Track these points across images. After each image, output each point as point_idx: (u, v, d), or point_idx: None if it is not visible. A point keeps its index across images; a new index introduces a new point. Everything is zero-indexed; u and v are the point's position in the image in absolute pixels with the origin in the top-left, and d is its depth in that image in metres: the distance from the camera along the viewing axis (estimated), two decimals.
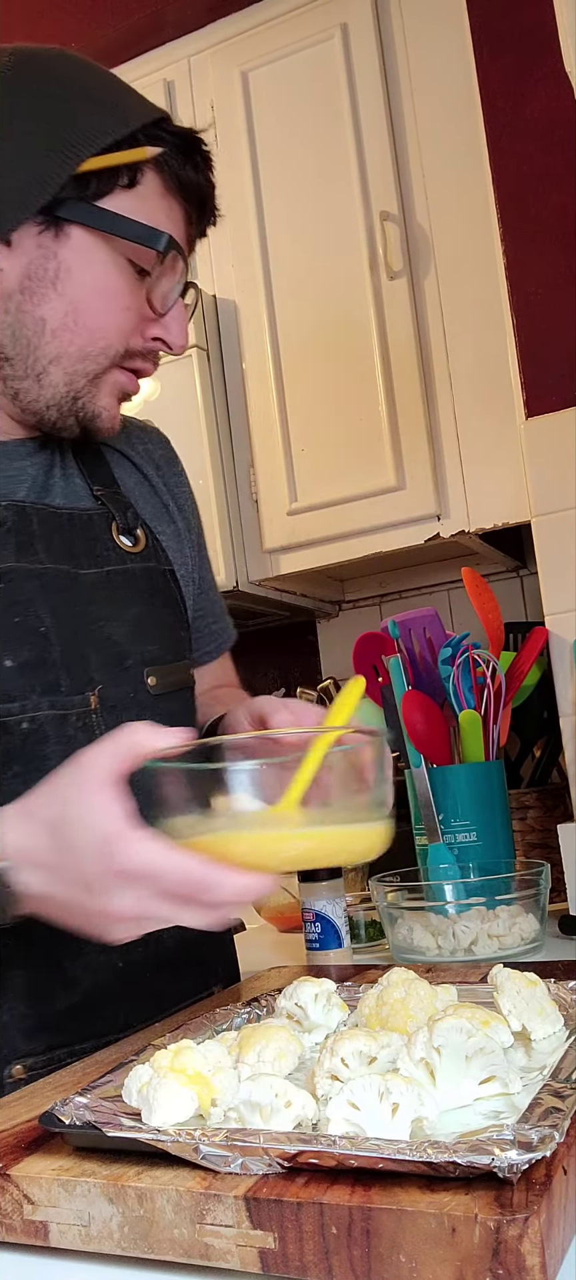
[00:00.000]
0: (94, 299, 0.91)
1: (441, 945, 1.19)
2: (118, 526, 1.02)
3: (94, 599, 0.96)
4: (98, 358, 0.92)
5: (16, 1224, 0.59)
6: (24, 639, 0.90)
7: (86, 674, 0.94)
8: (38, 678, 0.90)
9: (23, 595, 0.91)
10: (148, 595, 1.01)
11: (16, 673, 0.89)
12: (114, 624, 0.97)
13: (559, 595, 1.61)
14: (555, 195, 1.62)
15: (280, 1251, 0.52)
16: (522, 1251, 0.46)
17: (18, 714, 0.89)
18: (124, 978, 0.93)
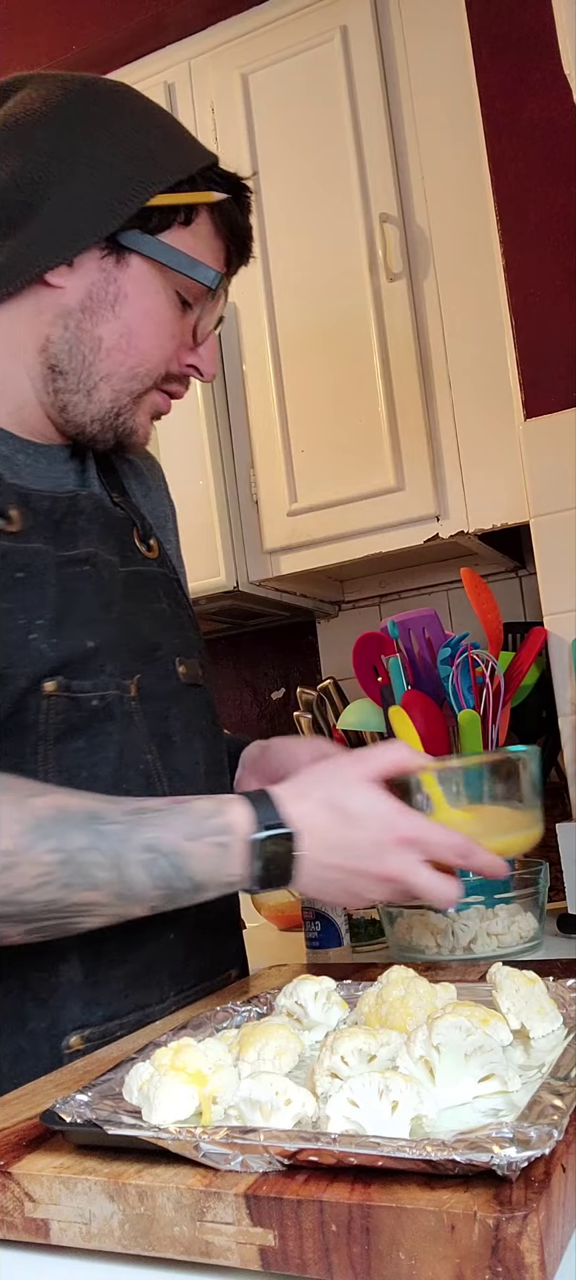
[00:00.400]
0: (146, 324, 0.98)
1: (440, 944, 1.19)
2: (137, 533, 1.09)
3: (126, 594, 1.03)
4: (143, 378, 1.00)
5: (17, 1221, 0.60)
6: (103, 624, 0.97)
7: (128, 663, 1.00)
8: (108, 661, 0.97)
9: (102, 581, 0.99)
10: (167, 596, 1.09)
11: (94, 654, 0.95)
12: (143, 619, 1.03)
13: (557, 595, 1.61)
14: (554, 197, 1.63)
15: (280, 1249, 0.52)
16: (521, 1249, 0.46)
17: (90, 691, 0.94)
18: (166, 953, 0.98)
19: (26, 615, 0.91)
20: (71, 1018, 0.91)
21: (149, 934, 0.95)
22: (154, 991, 0.97)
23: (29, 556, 0.93)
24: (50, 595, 0.93)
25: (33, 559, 0.93)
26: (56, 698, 0.91)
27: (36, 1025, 0.90)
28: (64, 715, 0.92)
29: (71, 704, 0.93)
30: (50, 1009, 0.90)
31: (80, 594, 0.96)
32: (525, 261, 1.65)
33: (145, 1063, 0.67)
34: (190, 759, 1.03)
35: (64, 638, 0.93)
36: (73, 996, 0.91)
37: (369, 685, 1.66)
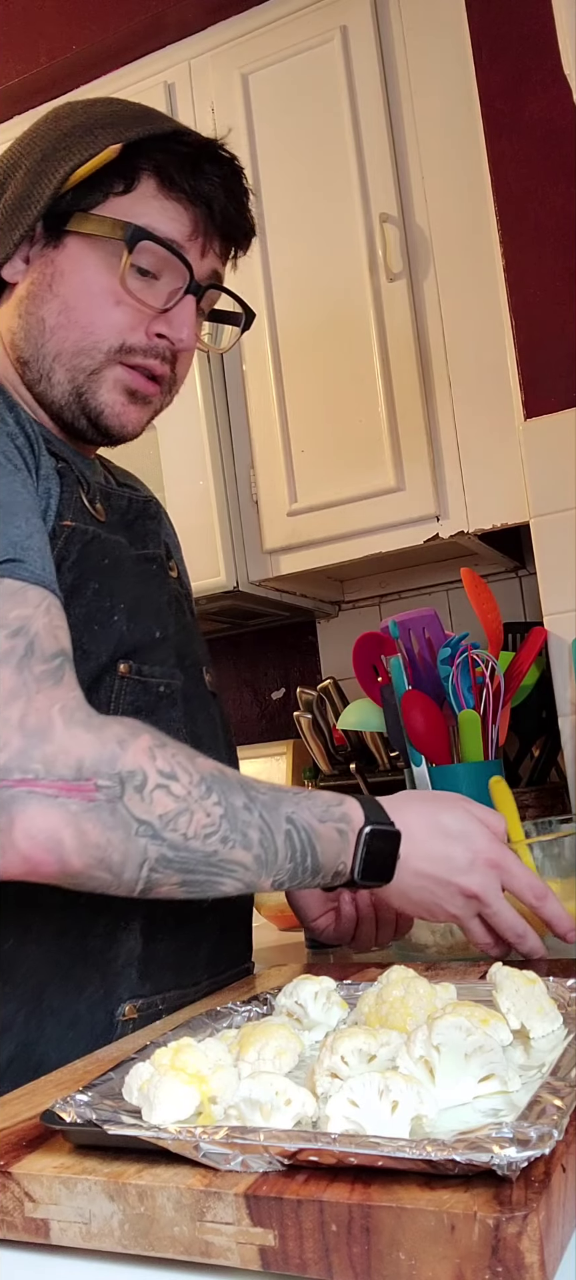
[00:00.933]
0: (83, 297, 0.99)
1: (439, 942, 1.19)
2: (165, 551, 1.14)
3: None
4: (91, 352, 0.99)
5: (17, 1221, 0.60)
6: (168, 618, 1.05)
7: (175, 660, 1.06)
8: (172, 652, 1.03)
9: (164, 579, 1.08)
10: (187, 610, 1.15)
11: (161, 644, 1.02)
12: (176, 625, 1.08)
13: (557, 595, 1.61)
14: (554, 197, 1.63)
15: (280, 1249, 0.52)
16: (521, 1249, 0.46)
17: (158, 677, 1.00)
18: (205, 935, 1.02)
19: (111, 598, 0.97)
20: (128, 986, 0.94)
21: (193, 914, 0.99)
22: (192, 973, 1.01)
23: (112, 547, 1.00)
24: (128, 584, 1.00)
25: (115, 550, 1.00)
26: (129, 679, 0.97)
27: (95, 991, 0.93)
28: (133, 697, 0.97)
29: (141, 687, 0.98)
30: (108, 977, 0.93)
31: (150, 587, 1.04)
32: (525, 261, 1.65)
33: (145, 1063, 0.67)
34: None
35: (138, 624, 0.99)
36: (130, 966, 0.94)
37: (369, 685, 1.66)
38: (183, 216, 1.00)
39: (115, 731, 0.79)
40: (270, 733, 2.31)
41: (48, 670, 0.79)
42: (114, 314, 0.99)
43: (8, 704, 0.75)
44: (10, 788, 0.74)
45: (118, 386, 1.01)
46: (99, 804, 0.75)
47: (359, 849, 0.87)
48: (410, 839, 0.90)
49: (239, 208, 1.04)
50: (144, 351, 1.00)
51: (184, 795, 0.79)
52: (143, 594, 1.02)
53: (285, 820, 0.84)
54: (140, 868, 0.78)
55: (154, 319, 1.00)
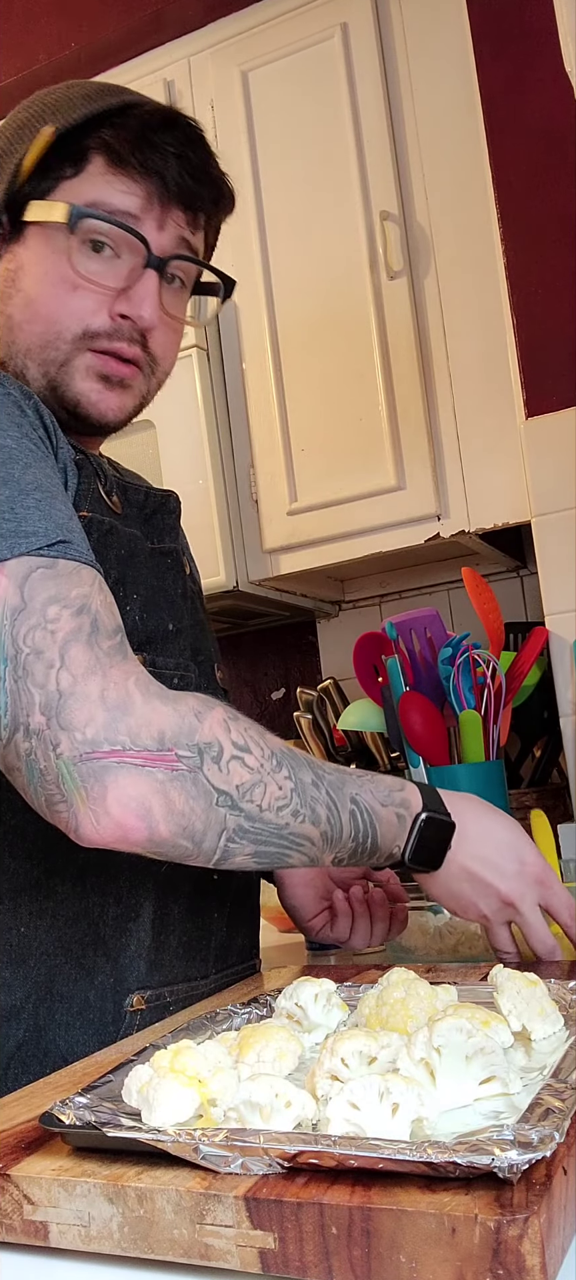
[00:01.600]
0: (43, 287, 0.97)
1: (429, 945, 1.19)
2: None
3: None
4: (56, 344, 0.97)
5: (16, 1224, 0.59)
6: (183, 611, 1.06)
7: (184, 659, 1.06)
8: (186, 645, 1.04)
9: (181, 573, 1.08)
10: (200, 607, 1.15)
11: (174, 637, 1.03)
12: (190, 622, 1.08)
13: (559, 595, 1.61)
14: (555, 195, 1.62)
15: (280, 1251, 0.52)
16: (522, 1252, 0.46)
17: (172, 669, 1.00)
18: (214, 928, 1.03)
19: (125, 589, 0.97)
20: (137, 976, 0.94)
21: (203, 907, 1.00)
22: (202, 965, 1.01)
23: (129, 539, 1.00)
24: (143, 576, 1.00)
25: (131, 542, 1.00)
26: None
27: (105, 980, 0.93)
28: None
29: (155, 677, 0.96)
30: (118, 966, 0.93)
31: (166, 581, 1.04)
32: (526, 259, 1.65)
33: (144, 1065, 0.67)
34: None
35: (152, 616, 1.00)
36: (140, 957, 0.94)
37: (369, 685, 1.66)
38: (134, 190, 0.96)
39: (191, 704, 0.80)
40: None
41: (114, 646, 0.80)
42: (73, 301, 0.96)
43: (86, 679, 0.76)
44: (101, 759, 0.75)
45: (90, 374, 0.98)
46: (182, 773, 0.77)
47: (413, 832, 0.90)
48: (463, 835, 0.92)
49: (196, 175, 1.00)
50: (108, 335, 0.97)
51: (257, 768, 0.80)
52: (158, 586, 1.02)
53: (350, 800, 0.86)
54: (219, 836, 0.79)
55: (115, 299, 0.97)
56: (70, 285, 0.96)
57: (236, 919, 1.07)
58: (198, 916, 1.00)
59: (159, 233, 0.98)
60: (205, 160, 1.01)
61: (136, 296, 0.97)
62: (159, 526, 1.07)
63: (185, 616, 1.06)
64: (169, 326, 1.02)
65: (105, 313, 0.97)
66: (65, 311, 0.96)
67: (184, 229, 1.00)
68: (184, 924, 0.99)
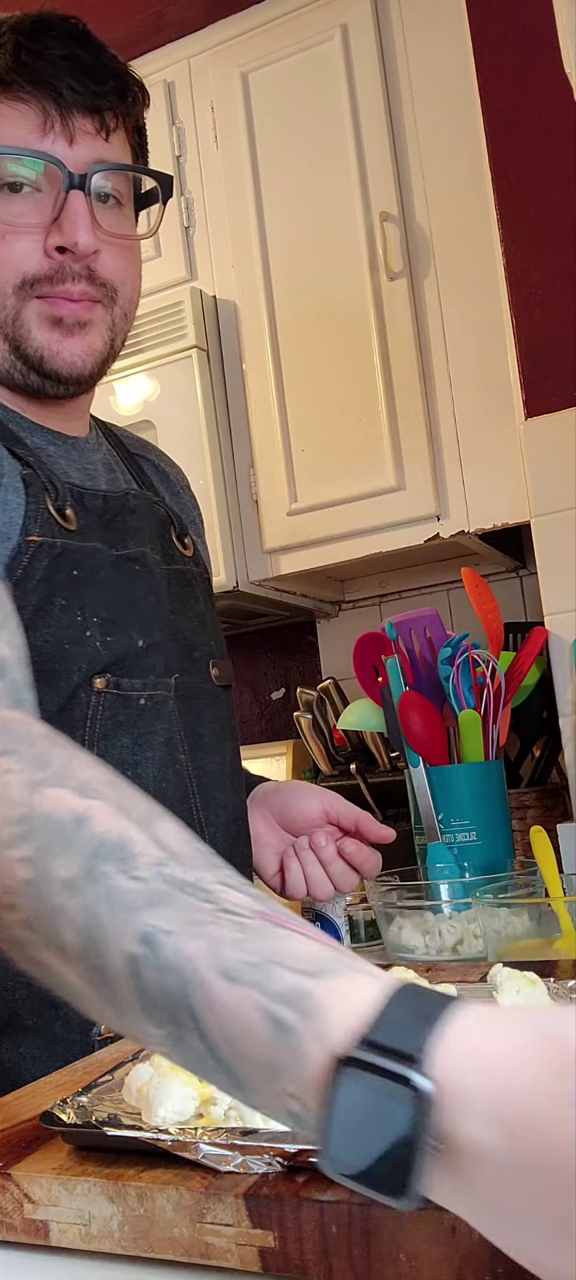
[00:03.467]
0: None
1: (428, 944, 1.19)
2: (175, 530, 1.08)
3: (169, 592, 1.02)
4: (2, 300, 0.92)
5: (17, 1223, 0.59)
6: (154, 624, 0.97)
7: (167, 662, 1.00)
8: (158, 660, 0.97)
9: (151, 580, 0.98)
10: (205, 596, 1.09)
11: (145, 653, 0.95)
12: (183, 617, 1.03)
13: (558, 595, 1.61)
14: (555, 196, 1.62)
15: (280, 1250, 0.52)
16: None
17: (139, 689, 0.94)
18: None
19: (83, 613, 0.91)
20: None
21: None
22: None
23: (85, 555, 0.92)
24: (105, 593, 0.93)
25: (89, 557, 0.93)
26: (106, 694, 0.92)
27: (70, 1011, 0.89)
28: (112, 712, 0.92)
29: (120, 701, 0.93)
30: None
31: (133, 592, 0.96)
32: (526, 260, 1.65)
33: (145, 1064, 0.67)
34: (219, 761, 1.03)
35: (118, 635, 0.93)
36: None
37: (369, 685, 1.66)
38: (28, 113, 0.89)
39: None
40: (270, 733, 2.30)
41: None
42: (3, 250, 0.90)
43: None
44: None
45: (43, 322, 0.92)
46: None
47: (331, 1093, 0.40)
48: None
49: (91, 72, 0.90)
50: (50, 278, 0.91)
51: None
52: (124, 600, 0.95)
53: (139, 938, 0.45)
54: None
55: (47, 234, 0.90)
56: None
57: None
58: None
59: (71, 148, 0.90)
60: (97, 55, 0.92)
61: (67, 224, 0.89)
62: (122, 530, 0.98)
63: (159, 626, 0.98)
64: (117, 248, 0.94)
65: (41, 252, 0.90)
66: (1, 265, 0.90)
67: (96, 137, 0.92)
68: None
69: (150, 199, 1.01)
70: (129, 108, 0.95)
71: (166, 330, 1.89)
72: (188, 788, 0.98)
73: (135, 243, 0.99)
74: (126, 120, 0.96)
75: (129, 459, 1.10)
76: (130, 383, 1.90)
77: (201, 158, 1.97)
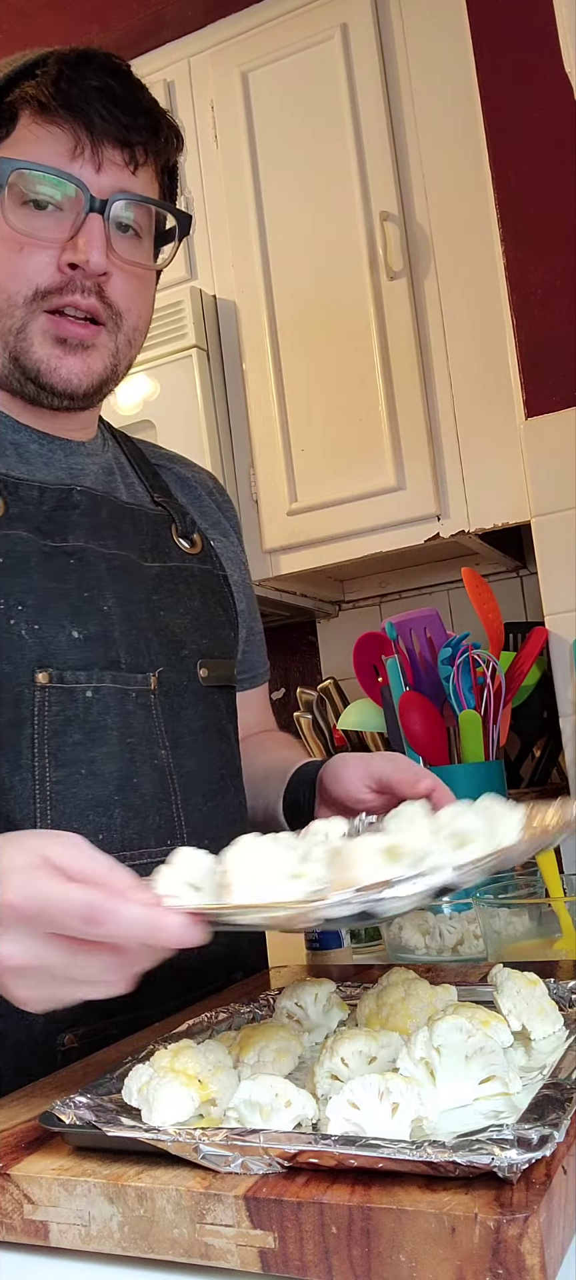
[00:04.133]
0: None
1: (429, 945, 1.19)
2: (176, 529, 1.08)
3: (157, 589, 1.02)
4: (10, 310, 0.94)
5: (16, 1224, 0.59)
6: (91, 614, 0.96)
7: (147, 657, 0.99)
8: (100, 652, 0.95)
9: (91, 574, 0.97)
10: (203, 593, 1.07)
11: (82, 644, 0.94)
12: (172, 615, 1.03)
13: (559, 595, 1.61)
14: (555, 196, 1.62)
15: (280, 1251, 0.52)
16: (522, 1251, 0.46)
17: (84, 682, 0.93)
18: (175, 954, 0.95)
19: (6, 601, 0.91)
20: (67, 1015, 0.89)
21: None
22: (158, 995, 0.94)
23: (12, 544, 0.93)
24: (33, 582, 0.93)
25: (15, 546, 0.93)
26: (51, 689, 0.91)
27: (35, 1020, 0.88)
28: (60, 708, 0.92)
29: (66, 695, 0.92)
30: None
31: (65, 584, 0.95)
32: (526, 260, 1.65)
33: (144, 1064, 0.67)
34: (200, 762, 1.02)
35: (47, 625, 0.92)
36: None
37: (369, 685, 1.66)
38: (61, 137, 0.93)
39: None
40: None
41: None
42: (19, 261, 0.93)
43: None
44: None
45: (47, 339, 0.95)
46: None
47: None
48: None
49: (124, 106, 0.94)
50: (60, 290, 0.93)
51: None
52: (54, 590, 0.94)
53: None
54: None
55: (62, 251, 0.93)
56: (15, 246, 0.93)
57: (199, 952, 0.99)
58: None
59: (97, 175, 0.93)
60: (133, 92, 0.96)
61: (82, 242, 0.92)
62: (61, 523, 0.97)
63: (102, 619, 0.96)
64: (128, 276, 0.97)
65: (54, 267, 0.93)
66: (14, 274, 0.93)
67: (124, 169, 0.95)
68: None
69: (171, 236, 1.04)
70: (160, 146, 0.98)
71: (166, 330, 1.89)
72: (168, 785, 0.97)
73: (148, 274, 1.01)
74: (156, 158, 0.98)
75: (146, 468, 1.12)
76: (130, 382, 1.90)
77: (201, 157, 1.97)
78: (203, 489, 1.18)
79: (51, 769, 0.90)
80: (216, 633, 1.08)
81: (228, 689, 1.09)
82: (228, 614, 1.11)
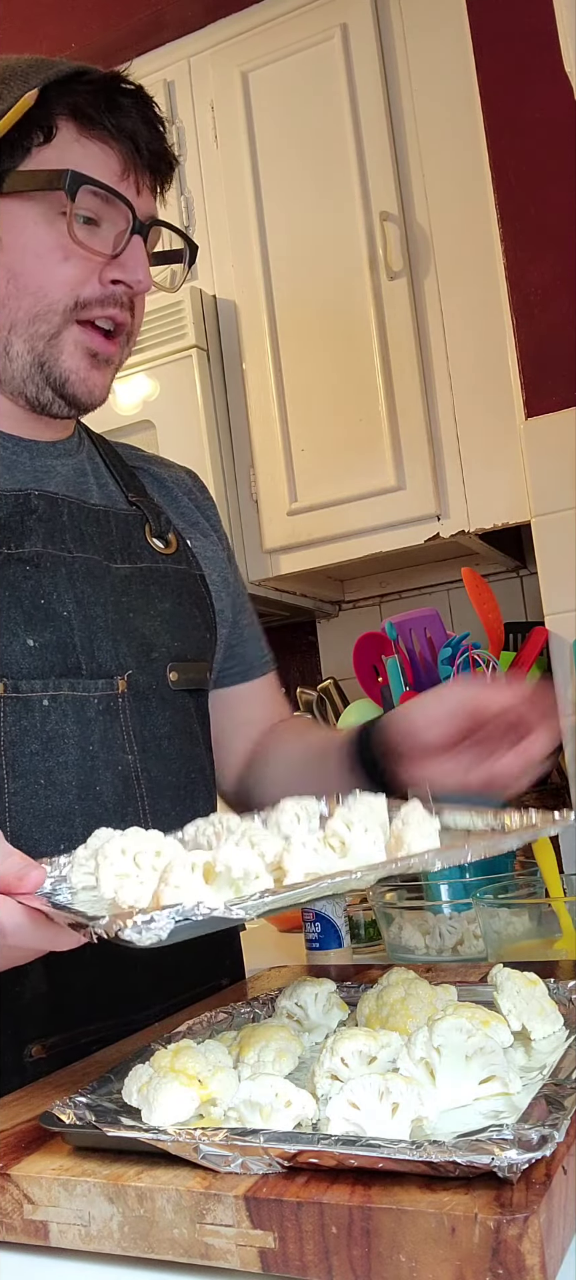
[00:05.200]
0: (27, 260, 0.94)
1: (429, 945, 1.19)
2: (151, 529, 1.06)
3: (126, 591, 1.00)
4: (47, 315, 0.94)
5: (17, 1223, 0.59)
6: (47, 622, 0.94)
7: (114, 660, 0.97)
8: (58, 660, 0.93)
9: (48, 580, 0.95)
10: (176, 594, 1.05)
11: (38, 653, 0.92)
12: (143, 617, 1.01)
13: (559, 595, 1.61)
14: (555, 196, 1.62)
15: (280, 1251, 0.52)
16: (522, 1251, 0.46)
17: (40, 692, 0.92)
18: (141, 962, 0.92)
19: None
20: (35, 1026, 0.88)
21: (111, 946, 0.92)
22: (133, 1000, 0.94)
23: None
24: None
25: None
26: (5, 699, 0.90)
27: (3, 1032, 0.88)
28: (15, 718, 0.90)
29: (21, 706, 0.91)
30: (14, 1015, 0.88)
31: (20, 592, 0.93)
32: (526, 260, 1.65)
33: (144, 1064, 0.67)
34: (168, 766, 1.00)
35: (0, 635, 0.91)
36: (36, 1005, 0.89)
37: (369, 685, 1.66)
38: (110, 156, 0.94)
39: None
40: None
41: None
42: (63, 270, 0.93)
43: None
44: None
45: (79, 350, 0.95)
46: None
47: None
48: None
49: (160, 139, 0.98)
50: (101, 302, 0.95)
51: None
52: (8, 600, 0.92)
53: None
54: None
55: (105, 267, 0.94)
56: (60, 254, 0.93)
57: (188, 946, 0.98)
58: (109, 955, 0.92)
59: (137, 198, 0.96)
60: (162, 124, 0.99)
61: (130, 262, 0.94)
62: (16, 530, 0.95)
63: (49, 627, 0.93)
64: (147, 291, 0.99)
65: (95, 280, 0.94)
66: (55, 282, 0.94)
67: (151, 195, 0.99)
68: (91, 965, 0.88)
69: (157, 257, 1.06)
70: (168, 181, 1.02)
71: (166, 330, 1.89)
72: (135, 791, 0.96)
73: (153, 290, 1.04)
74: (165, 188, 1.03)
75: (121, 469, 1.10)
76: (130, 382, 1.90)
77: (201, 157, 1.97)
78: (180, 489, 1.16)
79: (9, 780, 0.89)
80: (190, 634, 1.05)
81: (199, 692, 1.07)
82: (204, 614, 1.09)
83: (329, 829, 0.70)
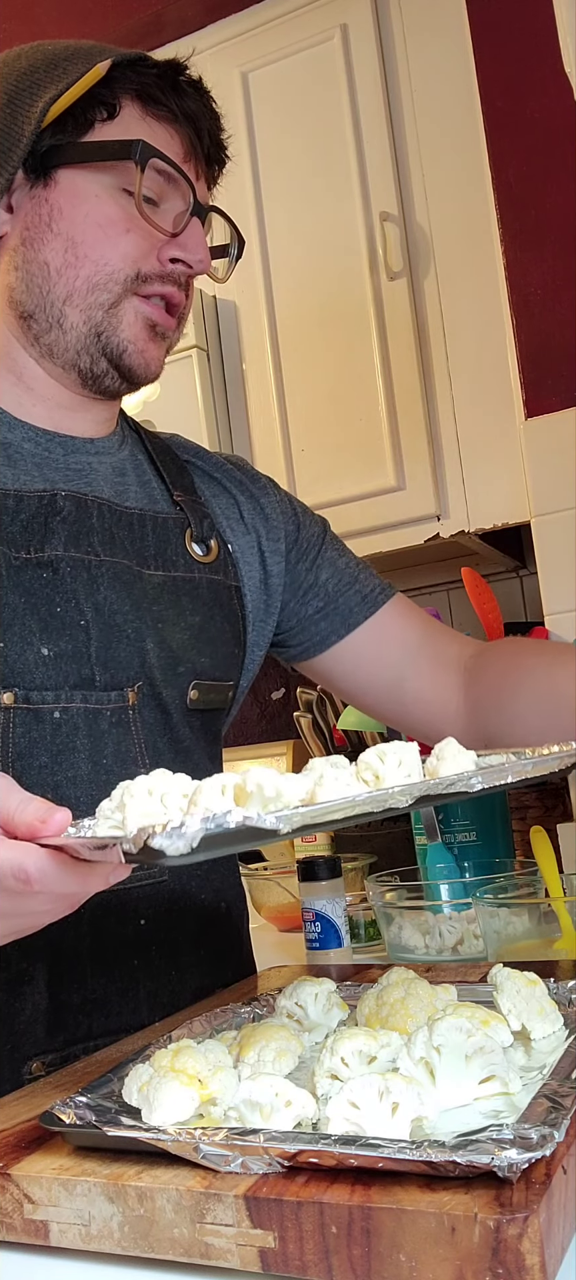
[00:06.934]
0: (89, 229, 0.93)
1: (428, 944, 1.19)
2: (192, 534, 1.03)
3: (158, 600, 0.97)
4: (107, 285, 0.94)
5: (17, 1223, 0.59)
6: (63, 630, 0.91)
7: (130, 670, 0.94)
8: (72, 669, 0.91)
9: (67, 586, 0.92)
10: (208, 607, 1.02)
11: (52, 662, 0.90)
12: (172, 628, 0.98)
13: (559, 595, 1.61)
14: (555, 195, 1.63)
15: (280, 1251, 0.52)
16: (522, 1250, 0.46)
17: (51, 703, 0.89)
18: (141, 974, 0.93)
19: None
20: (34, 1042, 0.88)
21: (125, 954, 0.91)
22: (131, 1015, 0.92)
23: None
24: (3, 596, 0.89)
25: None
26: (16, 710, 0.87)
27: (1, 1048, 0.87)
28: (25, 729, 0.88)
29: (32, 717, 0.88)
30: (14, 1032, 0.87)
31: (36, 598, 0.90)
32: (526, 260, 1.65)
33: (145, 1064, 0.67)
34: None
35: (13, 643, 0.88)
36: (36, 1022, 0.88)
37: None
38: (174, 138, 0.96)
39: None
40: (270, 733, 2.30)
41: None
42: (124, 242, 0.93)
43: None
44: None
45: (138, 320, 0.95)
46: None
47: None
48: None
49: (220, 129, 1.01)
50: (160, 278, 0.95)
51: None
52: (25, 606, 0.89)
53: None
54: None
55: (165, 244, 0.94)
56: (123, 226, 0.93)
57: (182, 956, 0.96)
58: (109, 969, 0.91)
59: (197, 182, 0.97)
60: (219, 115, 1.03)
61: (191, 242, 0.95)
62: (39, 532, 0.92)
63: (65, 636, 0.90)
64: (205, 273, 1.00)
65: (154, 257, 0.94)
66: (117, 253, 0.93)
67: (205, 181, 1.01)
68: (90, 980, 0.90)
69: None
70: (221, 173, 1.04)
71: None
72: None
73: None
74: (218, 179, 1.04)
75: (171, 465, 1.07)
76: None
77: None
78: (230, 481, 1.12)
79: None
80: (218, 651, 1.02)
81: (214, 713, 1.04)
82: (234, 629, 1.05)
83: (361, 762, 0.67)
